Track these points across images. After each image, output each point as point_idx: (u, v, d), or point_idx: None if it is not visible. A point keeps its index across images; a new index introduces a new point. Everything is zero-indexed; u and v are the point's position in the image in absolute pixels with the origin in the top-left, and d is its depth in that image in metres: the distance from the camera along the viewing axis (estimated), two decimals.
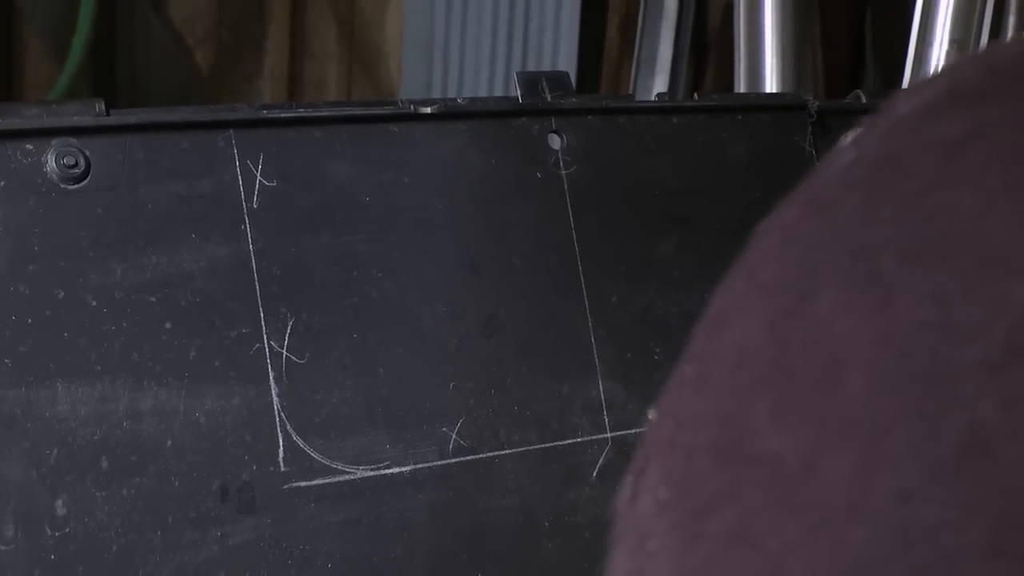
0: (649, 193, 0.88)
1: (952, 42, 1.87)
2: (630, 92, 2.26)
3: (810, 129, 0.93)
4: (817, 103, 0.93)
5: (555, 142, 0.86)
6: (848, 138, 0.79)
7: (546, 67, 2.60)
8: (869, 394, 0.29)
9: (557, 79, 0.87)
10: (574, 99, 0.87)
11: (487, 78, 2.62)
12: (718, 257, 0.87)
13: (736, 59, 2.02)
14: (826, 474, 0.29)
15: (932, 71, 1.74)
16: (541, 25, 2.64)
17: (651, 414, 0.34)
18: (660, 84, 2.31)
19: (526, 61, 2.62)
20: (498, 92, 2.65)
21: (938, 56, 1.90)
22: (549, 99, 0.86)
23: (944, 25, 1.87)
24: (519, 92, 0.86)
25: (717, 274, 0.88)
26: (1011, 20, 1.92)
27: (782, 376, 0.31)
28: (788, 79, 1.74)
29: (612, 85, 2.63)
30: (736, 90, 1.53)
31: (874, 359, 0.29)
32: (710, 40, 2.67)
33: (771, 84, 1.74)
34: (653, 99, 0.90)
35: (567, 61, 2.61)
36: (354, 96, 2.54)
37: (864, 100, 0.95)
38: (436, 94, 2.59)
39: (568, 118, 0.87)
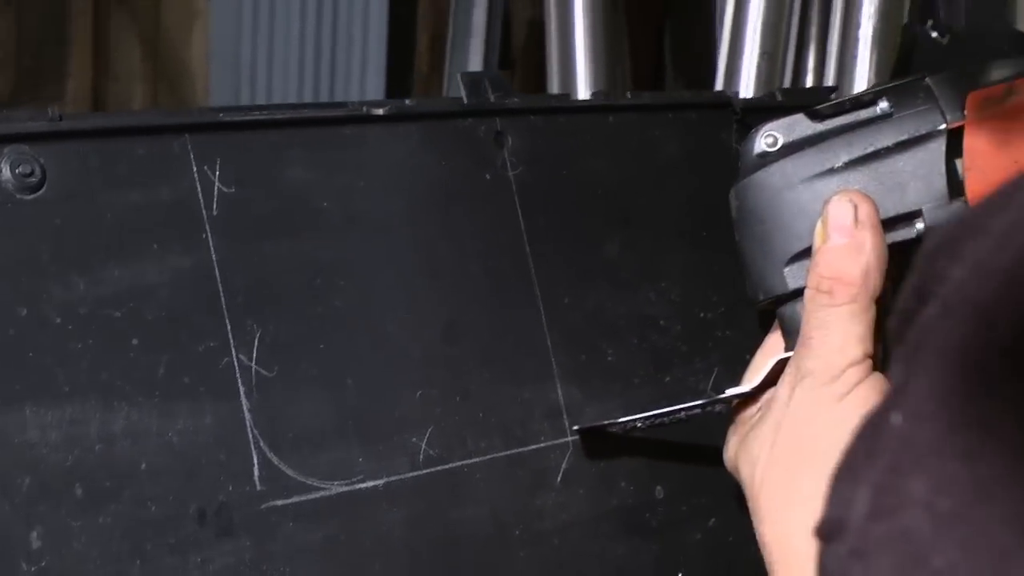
0: (591, 193, 0.88)
1: (763, 54, 1.91)
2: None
3: (735, 127, 0.93)
4: (742, 100, 0.94)
5: (501, 144, 0.84)
6: (763, 129, 0.79)
7: (355, 83, 2.57)
8: None
9: (496, 80, 0.85)
10: (516, 99, 0.85)
11: (295, 95, 2.59)
12: (660, 256, 0.87)
13: (549, 69, 2.03)
14: None
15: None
16: (349, 41, 2.62)
17: None
18: None
19: (335, 76, 2.60)
20: None
21: (749, 68, 1.94)
22: (492, 99, 0.85)
23: (754, 38, 1.91)
24: (464, 93, 0.84)
25: (660, 274, 0.88)
26: (813, 31, 1.98)
27: None
28: (600, 86, 1.76)
29: None
30: None
31: None
32: (515, 57, 2.68)
33: (584, 93, 1.76)
34: (589, 98, 0.89)
35: (376, 76, 2.59)
36: None
37: (780, 98, 0.96)
38: None
39: (511, 119, 0.85)
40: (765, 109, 0.94)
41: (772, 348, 0.83)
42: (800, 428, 0.76)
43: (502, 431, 0.82)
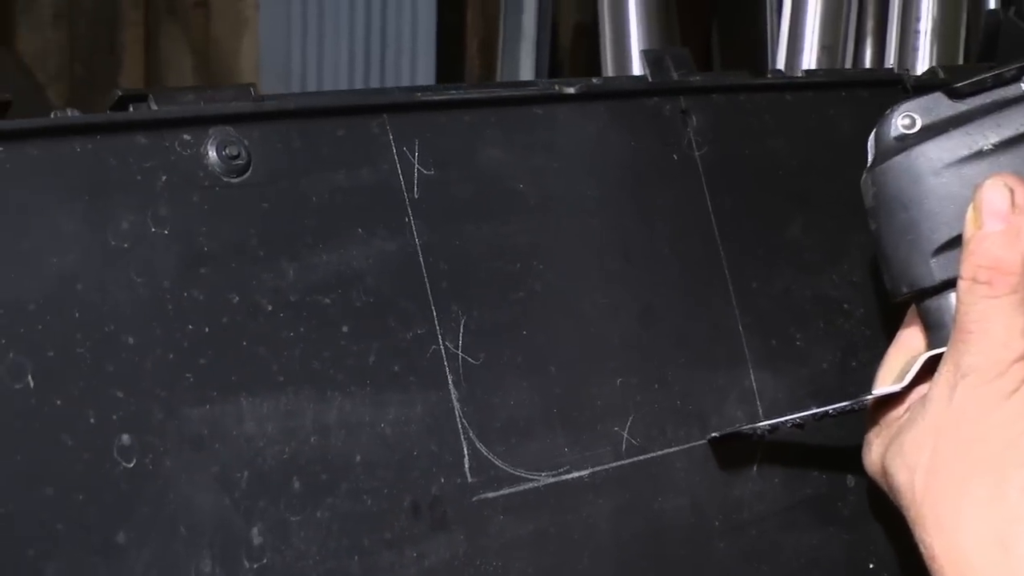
0: (773, 173, 0.85)
1: (823, 48, 1.89)
2: None
3: None
4: (913, 77, 0.91)
5: (686, 122, 0.82)
6: (900, 110, 0.75)
7: None
8: None
9: (680, 57, 0.83)
10: (699, 76, 0.83)
11: None
12: (840, 237, 0.85)
13: (603, 69, 2.01)
14: None
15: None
16: (399, 47, 2.60)
17: None
18: None
19: (385, 83, 2.57)
20: None
21: (809, 61, 1.92)
22: (676, 76, 0.82)
23: (814, 31, 1.89)
24: (647, 70, 0.81)
25: (841, 256, 0.85)
26: (870, 24, 1.96)
27: None
28: None
29: None
30: None
31: None
32: (562, 59, 2.66)
33: None
34: (768, 76, 0.87)
35: (426, 82, 2.56)
36: None
37: (942, 75, 0.93)
38: None
39: (695, 98, 0.82)
40: (931, 87, 0.91)
41: (907, 345, 0.79)
42: (967, 430, 0.70)
43: (699, 419, 0.79)
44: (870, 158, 0.76)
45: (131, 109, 0.66)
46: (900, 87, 0.91)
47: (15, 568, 0.59)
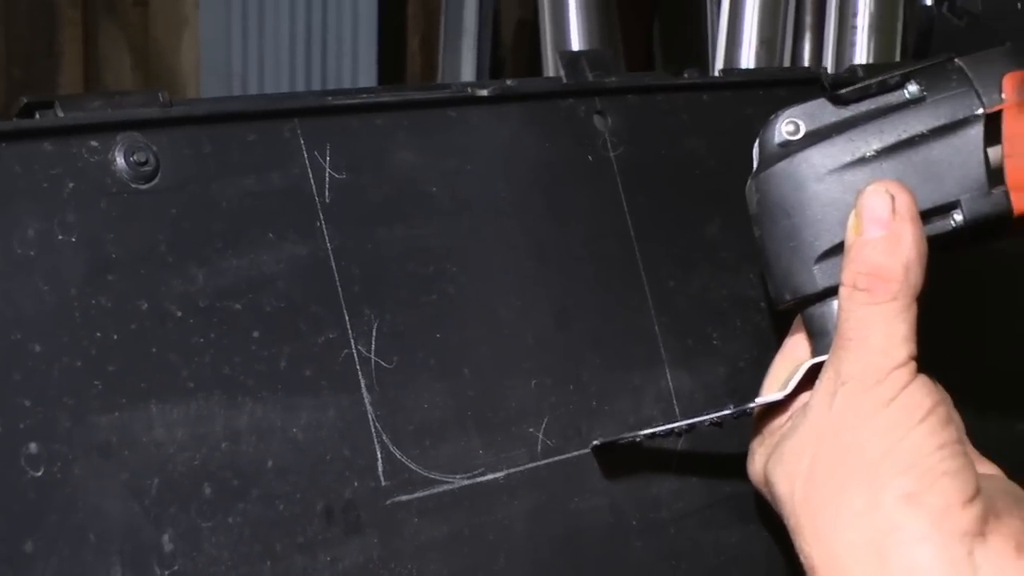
0: (690, 173, 0.85)
1: (762, 42, 1.90)
2: None
3: None
4: (830, 75, 0.92)
5: (601, 123, 0.82)
6: (783, 116, 0.74)
7: (347, 87, 2.55)
8: None
9: (596, 58, 0.83)
10: (614, 77, 0.83)
11: None
12: None
13: (544, 66, 2.01)
14: None
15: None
16: (339, 44, 2.59)
17: None
18: None
19: (326, 81, 2.57)
20: None
21: (748, 56, 1.93)
22: (591, 78, 0.82)
23: (752, 25, 1.90)
24: (562, 72, 0.82)
25: (757, 254, 0.86)
26: (808, 20, 1.97)
27: None
28: None
29: None
30: None
31: None
32: (504, 56, 2.67)
33: None
34: (684, 76, 0.87)
35: (368, 79, 2.56)
36: None
37: (861, 73, 0.94)
38: None
39: (610, 99, 0.83)
40: (847, 83, 0.92)
41: (792, 353, 0.78)
42: (845, 437, 0.70)
43: (616, 419, 0.80)
44: (755, 164, 0.76)
45: (37, 116, 0.66)
46: (818, 85, 0.91)
47: None
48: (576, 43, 1.96)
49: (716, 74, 0.87)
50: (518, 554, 0.75)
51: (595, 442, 0.78)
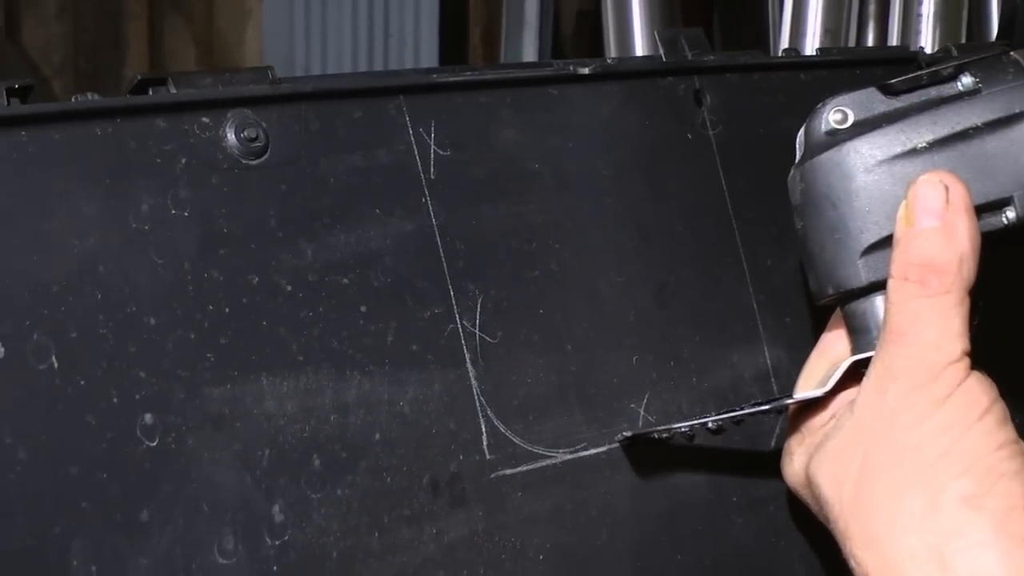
0: (786, 152, 0.85)
1: (826, 31, 1.89)
2: None
3: None
4: (927, 54, 0.92)
5: (701, 102, 0.82)
6: (831, 104, 0.72)
7: None
8: None
9: (693, 37, 0.83)
10: (713, 56, 0.83)
11: None
12: None
13: (606, 54, 2.01)
14: None
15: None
16: (401, 36, 2.60)
17: None
18: None
19: None
20: None
21: (812, 45, 1.92)
22: (690, 56, 0.82)
23: (816, 14, 1.89)
24: (662, 50, 0.82)
25: None
26: (871, 8, 1.96)
27: None
28: None
29: None
30: None
31: None
32: (565, 47, 2.67)
33: None
34: (781, 54, 0.87)
35: None
36: None
37: (955, 52, 0.93)
38: None
39: (709, 77, 0.83)
40: (944, 61, 0.91)
41: (830, 349, 0.76)
42: (899, 438, 0.67)
43: (715, 396, 0.80)
44: (799, 153, 0.74)
45: (151, 93, 0.66)
46: (915, 64, 0.91)
47: (41, 546, 0.60)
48: (638, 33, 1.97)
49: (814, 53, 0.86)
50: (620, 528, 0.75)
51: (624, 434, 0.76)
